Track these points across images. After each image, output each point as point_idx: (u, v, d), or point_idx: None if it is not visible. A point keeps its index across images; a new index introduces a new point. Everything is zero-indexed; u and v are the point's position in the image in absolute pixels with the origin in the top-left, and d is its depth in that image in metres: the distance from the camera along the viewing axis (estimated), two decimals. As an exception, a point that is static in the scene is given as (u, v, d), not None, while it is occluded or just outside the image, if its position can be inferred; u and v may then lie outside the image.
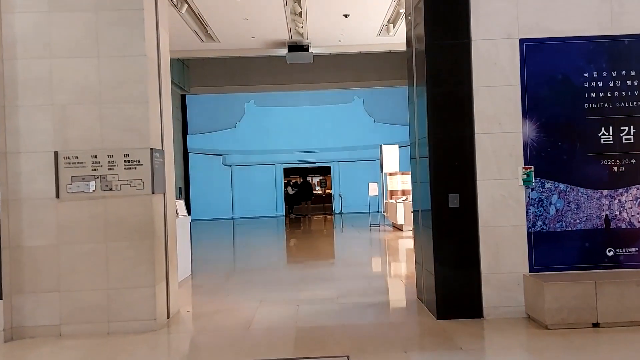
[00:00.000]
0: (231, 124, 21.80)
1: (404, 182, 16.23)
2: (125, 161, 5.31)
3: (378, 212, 18.44)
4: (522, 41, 5.35)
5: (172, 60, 19.95)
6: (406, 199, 14.31)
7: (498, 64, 5.35)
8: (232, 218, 21.51)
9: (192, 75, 21.46)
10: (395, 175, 16.31)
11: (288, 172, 23.45)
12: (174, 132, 20.59)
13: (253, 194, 21.77)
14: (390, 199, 15.86)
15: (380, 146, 16.90)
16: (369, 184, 16.54)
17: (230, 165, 21.79)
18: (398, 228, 14.68)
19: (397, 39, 14.88)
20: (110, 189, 5.30)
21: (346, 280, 7.65)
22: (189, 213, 21.03)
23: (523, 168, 5.33)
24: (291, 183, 23.09)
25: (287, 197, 22.90)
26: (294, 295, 6.71)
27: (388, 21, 13.61)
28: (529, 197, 5.36)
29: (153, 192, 5.35)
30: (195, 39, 14.20)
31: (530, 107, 5.35)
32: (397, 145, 17.00)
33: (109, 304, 5.29)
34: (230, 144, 21.72)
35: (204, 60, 20.96)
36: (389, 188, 16.24)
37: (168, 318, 5.74)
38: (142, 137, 5.35)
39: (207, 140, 21.62)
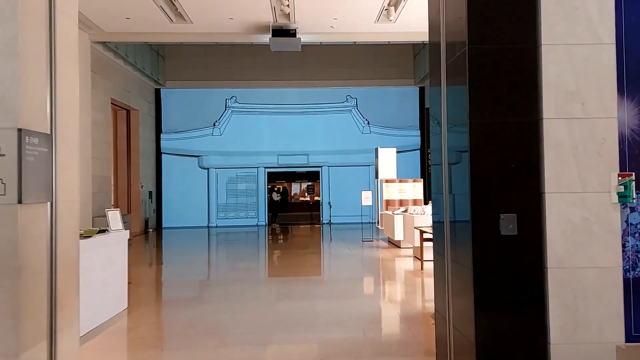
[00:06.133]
0: (210, 122, 19.66)
1: (402, 190, 14.26)
2: (-25, 149, 3.25)
3: (371, 223, 16.45)
4: (620, -26, 3.38)
5: (144, 48, 17.96)
6: (405, 211, 12.31)
7: (582, 10, 3.36)
8: (208, 227, 19.36)
9: (167, 67, 19.40)
10: (392, 183, 14.32)
11: (272, 176, 21.36)
12: (146, 129, 18.58)
13: (232, 201, 19.64)
14: (386, 209, 13.86)
15: (376, 149, 14.92)
16: (362, 192, 14.51)
17: (208, 168, 19.63)
18: (395, 244, 12.67)
19: (397, 27, 12.96)
20: (-50, 194, 3.23)
21: (332, 325, 5.60)
22: (159, 221, 19.15)
23: (619, 175, 3.34)
24: (275, 189, 21.02)
25: (271, 204, 20.82)
26: (256, 354, 4.64)
27: (389, 4, 11.66)
28: (627, 221, 3.36)
29: (20, 201, 3.28)
30: (164, 19, 12.16)
31: (632, 78, 3.37)
32: (394, 149, 15.03)
33: (-63, 384, 3.21)
34: (208, 144, 19.57)
35: (180, 50, 18.97)
36: (385, 197, 14.23)
37: (53, 398, 3.65)
38: (5, 111, 3.29)
39: (182, 140, 19.47)
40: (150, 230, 18.24)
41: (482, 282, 3.36)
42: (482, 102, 3.38)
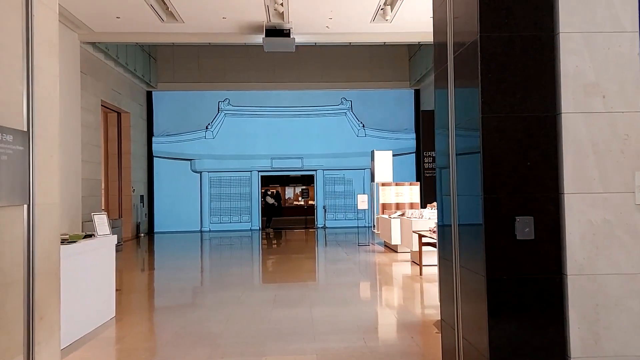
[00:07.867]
0: (202, 125, 19.35)
1: (399, 194, 14.01)
2: (-58, 146, 2.97)
3: (367, 227, 16.21)
4: (643, -43, 3.14)
5: (135, 50, 17.65)
6: (402, 215, 12.06)
7: (602, -5, 3.13)
8: (201, 231, 19.03)
9: (159, 69, 19.10)
10: (388, 186, 14.07)
11: (266, 180, 21.05)
12: (137, 132, 18.21)
13: (225, 205, 19.32)
14: (382, 213, 13.61)
15: (372, 152, 14.67)
16: (358, 196, 14.25)
17: (200, 172, 19.31)
18: (391, 249, 12.41)
19: (394, 27, 12.74)
20: None
21: (331, 334, 5.32)
22: (151, 225, 18.78)
23: (643, 174, 3.10)
24: (269, 193, 20.72)
25: (266, 208, 20.51)
26: (251, 365, 4.36)
27: (385, 3, 11.43)
28: (651, 224, 3.11)
29: (-9, 204, 3.00)
30: (155, 19, 11.87)
31: (656, 69, 3.12)
32: (390, 152, 14.79)
33: None
34: (200, 147, 19.25)
35: (172, 51, 18.70)
36: (381, 201, 13.97)
37: (30, 417, 3.36)
38: (-25, 105, 3.01)
39: (175, 143, 19.13)
40: (142, 234, 17.89)
41: (495, 290, 3.10)
42: (495, 96, 3.13)
